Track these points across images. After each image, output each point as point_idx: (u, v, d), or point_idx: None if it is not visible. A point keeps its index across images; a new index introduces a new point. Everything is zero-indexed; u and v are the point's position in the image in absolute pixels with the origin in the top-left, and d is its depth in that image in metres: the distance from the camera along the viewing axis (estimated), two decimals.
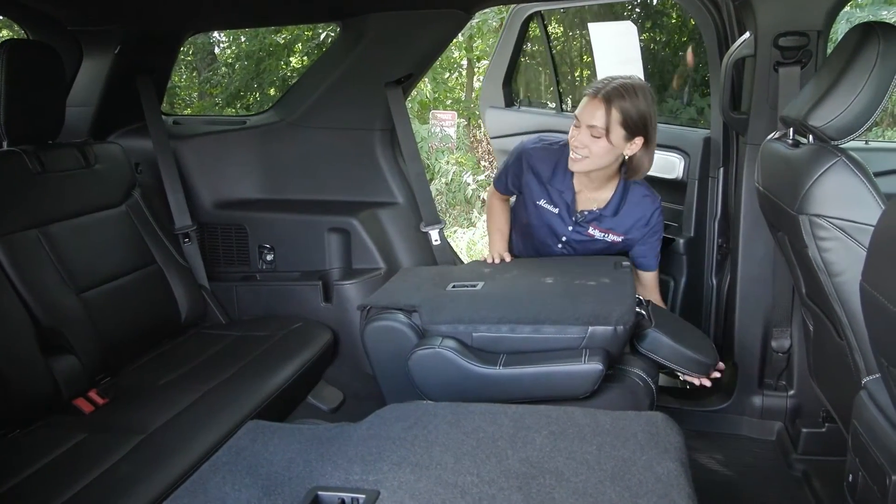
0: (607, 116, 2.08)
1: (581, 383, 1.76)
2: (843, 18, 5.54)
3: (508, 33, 3.39)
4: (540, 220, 2.33)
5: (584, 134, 2.11)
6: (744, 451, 2.39)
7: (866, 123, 1.56)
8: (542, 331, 1.84)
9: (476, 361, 1.81)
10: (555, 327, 1.83)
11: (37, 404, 1.89)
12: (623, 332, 1.81)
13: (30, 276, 2.00)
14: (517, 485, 1.30)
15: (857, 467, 1.44)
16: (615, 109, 2.08)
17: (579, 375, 1.76)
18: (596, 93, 2.09)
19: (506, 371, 1.80)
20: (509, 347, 1.85)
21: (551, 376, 1.78)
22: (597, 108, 2.09)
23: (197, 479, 1.39)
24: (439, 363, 1.82)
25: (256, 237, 2.81)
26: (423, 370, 1.83)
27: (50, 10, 2.41)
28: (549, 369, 1.78)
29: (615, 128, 2.09)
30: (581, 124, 2.12)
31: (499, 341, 1.86)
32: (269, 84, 8.49)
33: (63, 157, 2.25)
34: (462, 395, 1.78)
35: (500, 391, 1.80)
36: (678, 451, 1.40)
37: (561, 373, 1.77)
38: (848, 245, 1.50)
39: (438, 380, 1.83)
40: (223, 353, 2.30)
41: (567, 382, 1.77)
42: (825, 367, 1.92)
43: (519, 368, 1.79)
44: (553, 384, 1.78)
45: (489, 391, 1.80)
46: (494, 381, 1.80)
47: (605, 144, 2.11)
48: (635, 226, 2.28)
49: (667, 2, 6.64)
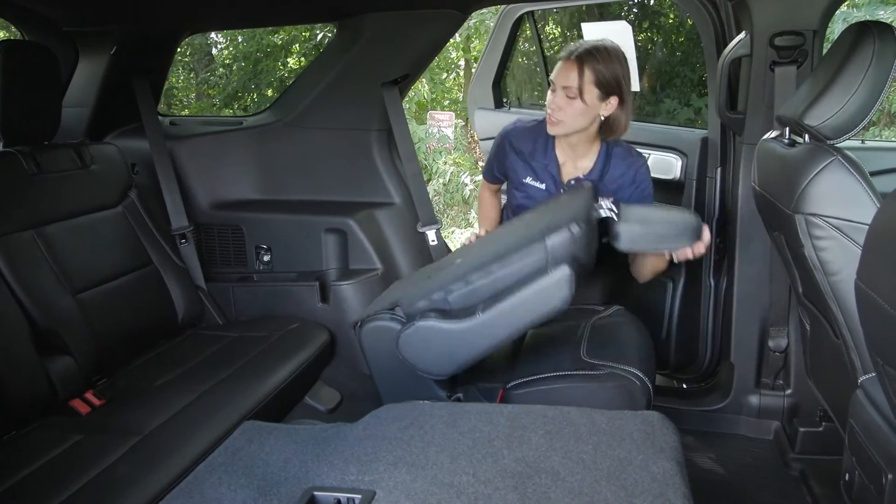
0: (580, 77, 2.11)
1: (556, 294, 1.73)
2: (840, 18, 5.55)
3: (499, 34, 3.38)
4: (528, 198, 2.33)
5: (560, 96, 2.14)
6: (741, 450, 2.39)
7: (862, 123, 1.56)
8: (507, 263, 1.80)
9: (457, 320, 1.80)
10: (518, 253, 1.80)
11: (33, 405, 1.89)
12: (579, 231, 1.77)
13: (26, 277, 1.99)
14: (513, 484, 1.30)
15: (853, 466, 1.44)
16: (588, 69, 2.11)
17: (551, 287, 1.73)
18: (569, 55, 2.13)
19: (486, 315, 1.77)
20: (485, 294, 1.82)
21: (526, 300, 1.75)
22: (570, 69, 2.12)
23: (193, 480, 1.39)
24: (424, 337, 1.81)
25: (253, 238, 2.81)
26: (414, 350, 1.82)
27: (46, 11, 2.41)
28: (522, 293, 1.75)
29: (589, 87, 2.12)
30: (556, 87, 2.15)
31: (474, 293, 1.83)
32: (266, 85, 8.48)
33: (59, 158, 2.25)
34: (456, 358, 1.78)
35: (487, 337, 1.78)
36: (674, 451, 1.40)
37: (534, 293, 1.75)
38: (844, 244, 1.50)
39: (430, 354, 1.81)
40: (220, 354, 2.30)
41: (543, 300, 1.75)
42: (822, 367, 1.92)
43: (496, 307, 1.77)
44: (532, 307, 1.76)
45: (477, 343, 1.79)
46: (478, 330, 1.78)
47: (579, 105, 2.13)
48: (622, 186, 2.25)
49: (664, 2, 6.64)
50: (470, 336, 1.79)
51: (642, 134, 2.90)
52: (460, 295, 1.83)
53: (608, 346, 2.03)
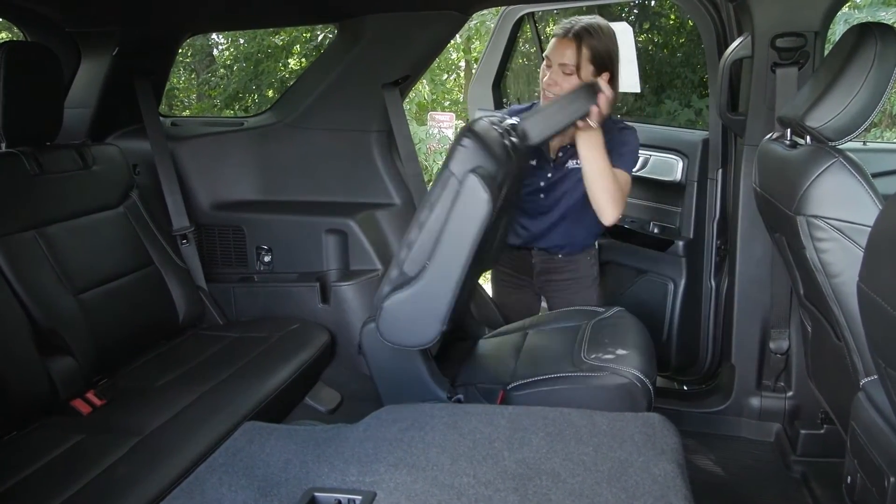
0: (578, 54, 2.18)
1: (476, 202, 1.75)
2: (841, 19, 5.55)
3: (499, 35, 3.38)
4: (525, 177, 2.35)
5: (556, 72, 2.21)
6: (742, 452, 2.39)
7: (864, 124, 1.56)
8: (429, 205, 1.83)
9: (413, 281, 1.82)
10: (434, 192, 1.83)
11: (34, 405, 1.89)
12: (470, 142, 1.80)
13: (27, 278, 1.99)
14: (514, 486, 1.30)
15: (855, 469, 1.43)
16: (585, 47, 2.18)
17: (468, 199, 1.76)
18: (566, 32, 2.19)
19: (434, 261, 1.80)
20: (428, 246, 1.84)
21: (456, 225, 1.77)
22: (567, 46, 2.18)
23: (193, 481, 1.39)
24: (394, 314, 1.84)
25: (254, 238, 2.81)
26: (393, 331, 1.85)
27: (48, 12, 2.41)
28: (451, 222, 1.78)
29: (585, 64, 2.19)
30: (553, 63, 2.21)
31: (419, 250, 1.84)
32: (267, 86, 8.49)
33: (61, 159, 2.25)
34: (431, 315, 1.80)
35: (446, 279, 1.79)
36: (675, 453, 1.40)
37: (459, 213, 1.77)
38: (845, 246, 1.50)
39: (408, 325, 1.84)
40: (221, 355, 2.30)
41: (469, 214, 1.76)
42: (823, 369, 1.92)
43: (438, 248, 1.79)
44: (464, 227, 1.77)
45: (441, 290, 1.79)
46: (434, 278, 1.80)
47: (575, 81, 2.19)
48: (610, 150, 2.24)
49: (665, 3, 6.64)
50: (431, 288, 1.81)
51: (643, 135, 2.90)
52: (410, 260, 1.85)
53: (609, 347, 2.03)
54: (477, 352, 2.29)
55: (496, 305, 2.59)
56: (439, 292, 1.80)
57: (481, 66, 3.46)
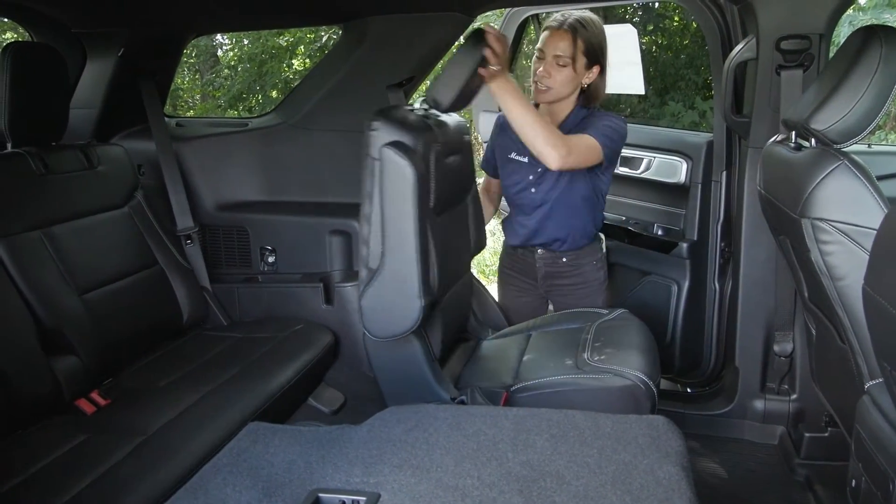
0: (573, 46, 2.21)
1: (400, 172, 1.85)
2: (846, 22, 5.54)
3: None
4: (515, 174, 2.40)
5: (550, 64, 2.24)
6: (746, 455, 2.38)
7: (869, 127, 1.56)
8: (366, 196, 1.92)
9: (377, 271, 1.90)
10: (366, 184, 1.91)
11: (38, 405, 1.89)
12: (378, 123, 1.90)
13: (32, 277, 2.00)
14: (518, 488, 1.30)
15: (860, 472, 1.43)
16: (579, 39, 2.21)
17: (392, 174, 1.86)
18: (560, 25, 2.22)
19: (385, 244, 1.88)
20: (378, 235, 1.92)
21: (392, 202, 1.86)
22: (562, 38, 2.21)
23: (197, 481, 1.39)
24: (373, 307, 1.91)
25: (258, 239, 2.81)
26: (380, 324, 1.91)
27: (54, 13, 2.42)
28: (387, 203, 1.87)
29: (579, 56, 2.23)
30: (546, 55, 2.24)
31: (374, 242, 1.91)
32: (271, 86, 8.49)
33: (66, 159, 2.26)
34: (405, 295, 1.87)
35: (403, 257, 1.86)
36: (679, 456, 1.40)
37: (390, 192, 1.87)
38: (850, 249, 1.50)
39: (388, 311, 1.90)
40: (224, 355, 2.30)
41: (399, 188, 1.86)
42: (828, 372, 1.91)
43: (384, 231, 1.88)
44: (400, 200, 1.86)
45: (404, 268, 1.87)
46: (392, 259, 1.87)
47: (569, 73, 2.24)
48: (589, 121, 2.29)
49: (668, 5, 6.63)
50: (394, 271, 1.87)
51: (648, 137, 2.90)
52: (371, 255, 1.91)
53: (612, 349, 2.03)
54: (480, 353, 2.29)
55: (501, 309, 2.59)
56: (404, 271, 1.86)
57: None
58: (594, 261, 2.46)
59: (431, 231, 1.94)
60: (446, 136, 2.11)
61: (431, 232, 1.94)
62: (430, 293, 1.90)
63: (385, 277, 1.88)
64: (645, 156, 2.85)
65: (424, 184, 1.90)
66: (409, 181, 1.83)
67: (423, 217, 1.88)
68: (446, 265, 2.04)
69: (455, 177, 2.20)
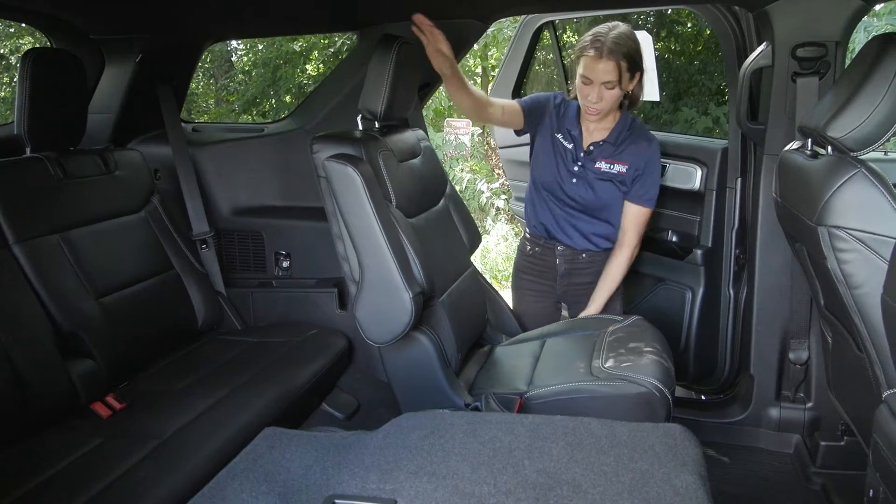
0: (617, 69, 2.24)
1: (347, 181, 1.92)
2: (861, 28, 5.51)
3: (519, 42, 3.38)
4: (557, 153, 2.43)
5: (600, 90, 2.27)
6: (761, 463, 2.37)
7: (886, 134, 1.55)
8: (328, 214, 2.04)
9: (359, 281, 1.97)
10: (325, 204, 2.03)
11: (55, 408, 1.91)
12: (318, 145, 1.99)
13: (50, 281, 2.02)
14: (534, 495, 1.30)
15: (878, 482, 1.42)
16: (622, 61, 2.24)
17: (342, 182, 1.94)
18: (600, 52, 2.22)
19: (358, 252, 1.95)
20: (351, 248, 1.99)
21: (350, 212, 1.94)
22: (605, 64, 2.23)
23: (215, 486, 1.40)
24: (366, 315, 1.96)
25: (273, 244, 2.83)
26: (378, 329, 1.95)
27: (73, 20, 2.44)
28: (346, 214, 1.94)
29: (624, 74, 2.27)
30: (593, 82, 2.26)
31: (349, 254, 1.99)
32: (285, 91, 8.53)
33: (84, 164, 2.28)
34: (391, 294, 1.91)
35: (378, 260, 1.92)
36: (696, 464, 1.39)
37: (344, 200, 1.94)
38: (868, 257, 1.49)
39: (382, 315, 1.94)
40: (239, 359, 2.32)
41: (351, 196, 1.93)
42: (844, 380, 1.90)
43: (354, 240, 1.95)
44: (355, 204, 1.92)
45: (383, 273, 1.91)
46: (370, 261, 1.93)
47: (617, 91, 2.29)
48: (633, 162, 2.38)
49: (682, 11, 6.62)
50: (375, 276, 1.92)
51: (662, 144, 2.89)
52: (353, 270, 1.98)
53: (627, 356, 2.02)
54: (494, 359, 2.29)
55: (515, 315, 2.59)
56: (383, 271, 1.90)
57: (501, 73, 3.46)
58: None
59: (404, 231, 1.99)
60: (397, 143, 2.18)
61: (405, 232, 1.98)
62: (416, 285, 1.94)
63: (369, 284, 1.93)
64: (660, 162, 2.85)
65: (375, 185, 1.95)
66: (356, 183, 1.90)
67: (385, 216, 1.94)
68: (434, 262, 2.08)
69: (419, 178, 2.25)
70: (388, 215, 1.95)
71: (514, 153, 3.35)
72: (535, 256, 2.52)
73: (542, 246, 2.49)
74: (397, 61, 2.07)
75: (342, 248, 2.00)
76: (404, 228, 2.00)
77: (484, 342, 2.42)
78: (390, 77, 2.06)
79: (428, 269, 2.01)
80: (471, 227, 2.52)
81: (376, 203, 1.91)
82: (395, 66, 2.07)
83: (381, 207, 1.93)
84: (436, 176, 2.41)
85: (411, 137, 2.34)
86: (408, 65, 2.13)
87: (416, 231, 2.06)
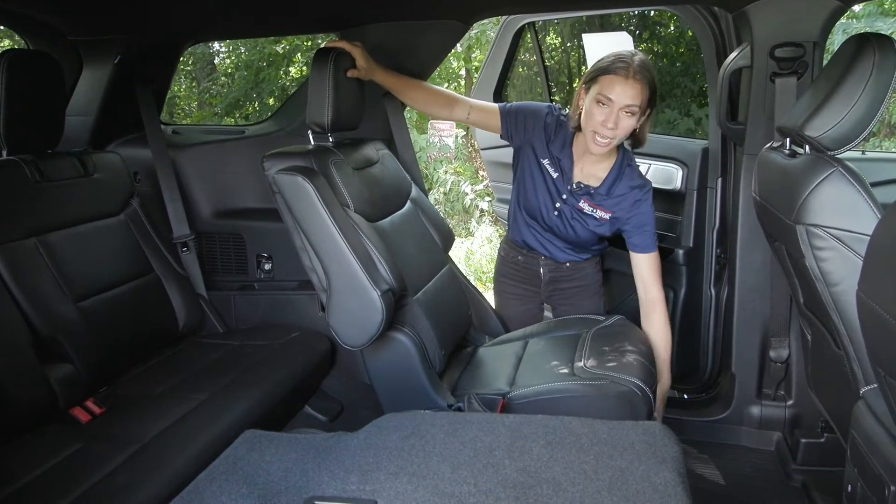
0: (642, 94, 2.08)
1: (300, 193, 1.93)
2: (840, 29, 5.58)
3: (500, 44, 3.39)
4: (542, 180, 2.30)
5: (618, 114, 2.08)
6: (742, 461, 2.38)
7: (863, 134, 1.57)
8: (291, 229, 2.02)
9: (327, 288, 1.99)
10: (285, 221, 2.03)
11: (34, 413, 1.89)
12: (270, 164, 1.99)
13: (28, 285, 1.99)
14: (514, 494, 1.30)
15: (855, 478, 1.43)
16: (647, 86, 2.08)
17: (294, 194, 1.95)
18: (627, 72, 2.05)
19: (321, 260, 1.95)
20: (314, 257, 2.00)
21: (308, 221, 1.94)
22: (633, 87, 2.06)
23: (193, 489, 1.39)
24: (337, 320, 1.96)
25: (254, 246, 2.81)
26: (351, 332, 1.95)
27: (50, 21, 2.42)
28: (305, 227, 1.95)
29: (645, 103, 2.10)
30: (614, 105, 2.07)
31: (314, 264, 2.00)
32: (268, 94, 8.51)
33: (62, 167, 2.26)
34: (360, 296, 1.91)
35: (343, 266, 1.92)
36: (676, 462, 1.40)
37: (300, 212, 1.95)
38: (845, 255, 1.51)
39: (354, 317, 1.94)
40: (220, 363, 2.30)
41: (306, 205, 1.94)
42: (823, 377, 1.92)
43: (316, 248, 1.96)
44: (313, 218, 1.93)
45: (350, 279, 1.92)
46: (336, 267, 1.93)
47: (633, 121, 2.11)
48: (622, 204, 2.26)
49: (664, 13, 6.66)
50: (339, 278, 1.92)
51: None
52: (320, 279, 1.99)
53: (609, 355, 2.03)
54: (477, 360, 2.29)
55: (498, 316, 2.59)
56: (349, 274, 1.91)
57: (482, 75, 3.46)
58: (594, 263, 2.47)
59: (367, 234, 1.99)
60: (350, 153, 2.19)
61: (367, 235, 1.99)
62: (383, 283, 1.94)
63: (337, 289, 1.93)
64: (641, 163, 2.85)
65: (329, 192, 1.96)
66: (307, 191, 1.90)
67: (343, 220, 1.94)
68: (404, 261, 2.10)
69: (378, 183, 2.26)
70: (345, 219, 1.95)
71: (495, 154, 3.35)
72: (517, 264, 2.51)
73: (526, 256, 2.48)
74: (335, 72, 2.07)
75: (308, 260, 2.00)
76: (366, 232, 2.00)
77: (467, 343, 2.42)
78: (331, 88, 2.07)
79: (396, 268, 2.01)
80: (441, 227, 2.52)
81: (332, 209, 1.91)
82: (334, 78, 2.07)
83: (337, 212, 1.93)
84: (396, 180, 2.41)
85: (366, 147, 2.35)
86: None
87: (380, 234, 2.06)
